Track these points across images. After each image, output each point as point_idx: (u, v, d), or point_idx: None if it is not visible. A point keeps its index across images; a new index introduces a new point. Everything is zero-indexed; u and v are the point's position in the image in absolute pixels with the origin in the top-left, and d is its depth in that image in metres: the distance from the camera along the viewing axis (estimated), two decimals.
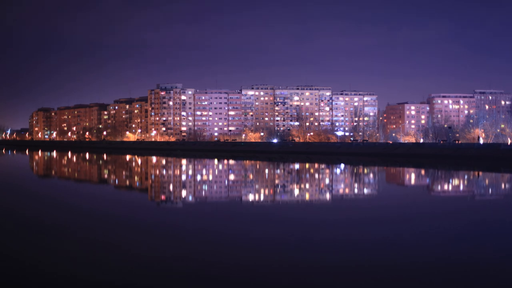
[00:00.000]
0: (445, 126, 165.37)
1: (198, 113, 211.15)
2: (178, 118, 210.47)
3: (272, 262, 15.38)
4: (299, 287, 13.29)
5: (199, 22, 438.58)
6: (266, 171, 63.13)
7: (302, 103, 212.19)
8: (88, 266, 14.87)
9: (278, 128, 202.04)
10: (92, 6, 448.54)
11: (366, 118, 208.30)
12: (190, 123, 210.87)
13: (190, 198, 33.53)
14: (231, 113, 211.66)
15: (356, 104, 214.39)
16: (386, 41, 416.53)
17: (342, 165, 72.24)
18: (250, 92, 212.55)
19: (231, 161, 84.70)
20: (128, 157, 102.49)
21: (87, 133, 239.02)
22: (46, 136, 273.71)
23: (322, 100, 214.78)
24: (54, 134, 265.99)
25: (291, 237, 19.18)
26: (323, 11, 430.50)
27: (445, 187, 43.51)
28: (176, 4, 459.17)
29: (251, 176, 52.80)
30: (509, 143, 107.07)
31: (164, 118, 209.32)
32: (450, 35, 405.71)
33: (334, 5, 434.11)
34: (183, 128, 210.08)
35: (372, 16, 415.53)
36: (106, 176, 54.32)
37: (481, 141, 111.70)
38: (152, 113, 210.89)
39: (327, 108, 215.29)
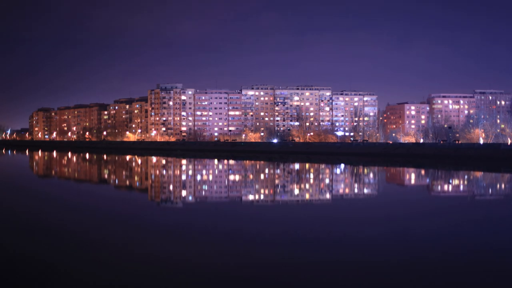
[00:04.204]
0: (445, 126, 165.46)
1: (198, 113, 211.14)
2: (178, 118, 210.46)
3: (273, 261, 15.40)
4: (299, 285, 13.31)
5: (199, 22, 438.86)
6: (266, 171, 63.13)
7: (302, 103, 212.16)
8: (88, 265, 14.89)
9: (278, 128, 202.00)
10: (93, 7, 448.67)
11: (366, 118, 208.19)
12: (190, 123, 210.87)
13: (190, 198, 33.53)
14: (231, 113, 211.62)
15: (356, 104, 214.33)
16: (386, 41, 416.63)
17: (342, 165, 72.25)
18: (250, 92, 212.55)
19: (231, 161, 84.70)
20: (128, 157, 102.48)
21: (87, 133, 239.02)
22: (46, 136, 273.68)
23: (322, 100, 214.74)
24: (54, 134, 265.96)
25: (291, 236, 19.19)
26: (323, 11, 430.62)
27: (445, 187, 43.52)
28: (176, 4, 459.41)
29: (251, 176, 52.81)
30: (509, 143, 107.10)
31: (164, 118, 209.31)
32: (450, 35, 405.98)
33: (334, 4, 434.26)
34: (183, 128, 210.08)
35: (372, 17, 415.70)
36: (106, 176, 54.32)
37: (481, 141, 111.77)
38: (152, 113, 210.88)
39: (327, 108, 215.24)
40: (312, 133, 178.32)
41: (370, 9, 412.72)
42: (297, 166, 71.54)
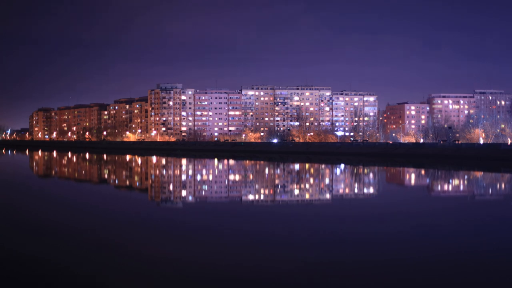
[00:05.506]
0: (445, 126, 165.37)
1: (198, 113, 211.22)
2: (178, 118, 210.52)
3: (274, 261, 15.40)
4: (301, 285, 13.30)
5: (199, 22, 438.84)
6: (266, 171, 63.13)
7: (302, 103, 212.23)
8: (88, 265, 14.89)
9: (278, 128, 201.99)
10: (94, 8, 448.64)
11: (366, 118, 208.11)
12: (190, 123, 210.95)
13: (190, 198, 33.54)
14: (231, 113, 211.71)
15: (356, 104, 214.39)
16: (386, 41, 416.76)
17: (342, 165, 72.23)
18: (250, 92, 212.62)
19: (231, 161, 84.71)
20: (128, 157, 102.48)
21: (87, 133, 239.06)
22: (46, 136, 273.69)
23: (322, 100, 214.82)
24: (54, 134, 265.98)
25: (291, 236, 19.20)
26: (322, 13, 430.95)
27: (445, 187, 43.52)
28: (176, 4, 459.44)
29: (251, 176, 52.81)
30: (509, 143, 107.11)
31: (164, 118, 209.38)
32: (451, 36, 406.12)
33: (335, 3, 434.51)
34: (183, 128, 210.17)
35: (373, 17, 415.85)
36: (106, 176, 54.31)
37: (481, 141, 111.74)
38: (152, 113, 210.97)
39: (327, 108, 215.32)
40: (312, 133, 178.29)
41: (370, 11, 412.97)
42: (297, 166, 71.54)
